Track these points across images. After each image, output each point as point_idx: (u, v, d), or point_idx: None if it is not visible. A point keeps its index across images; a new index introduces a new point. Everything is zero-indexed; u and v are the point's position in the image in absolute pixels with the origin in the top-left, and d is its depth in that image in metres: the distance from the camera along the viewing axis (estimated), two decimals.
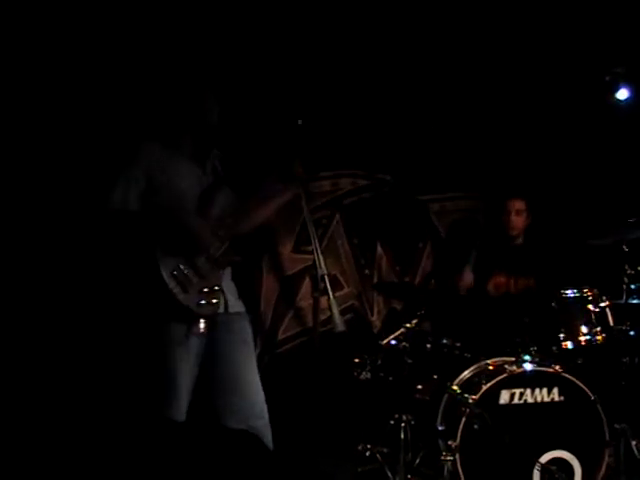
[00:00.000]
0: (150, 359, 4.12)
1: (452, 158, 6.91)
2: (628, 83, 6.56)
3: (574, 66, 6.64)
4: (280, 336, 6.35)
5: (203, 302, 4.04)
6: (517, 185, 6.26)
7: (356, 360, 5.25)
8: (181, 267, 4.01)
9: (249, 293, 5.49)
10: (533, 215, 5.96)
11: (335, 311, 4.06)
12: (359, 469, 5.20)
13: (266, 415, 4.22)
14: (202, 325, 4.04)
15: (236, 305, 4.29)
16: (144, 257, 4.03)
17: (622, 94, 6.63)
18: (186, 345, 4.05)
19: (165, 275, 3.96)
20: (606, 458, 4.79)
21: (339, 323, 4.05)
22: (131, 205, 4.08)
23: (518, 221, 5.87)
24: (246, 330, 4.32)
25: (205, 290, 4.06)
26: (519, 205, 5.88)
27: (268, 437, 4.20)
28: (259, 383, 4.27)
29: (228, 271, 4.33)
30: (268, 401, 4.28)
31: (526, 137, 7.01)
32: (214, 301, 4.08)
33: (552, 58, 6.63)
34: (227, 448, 4.07)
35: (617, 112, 6.70)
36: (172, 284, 3.97)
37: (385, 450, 5.12)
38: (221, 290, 4.15)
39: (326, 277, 4.10)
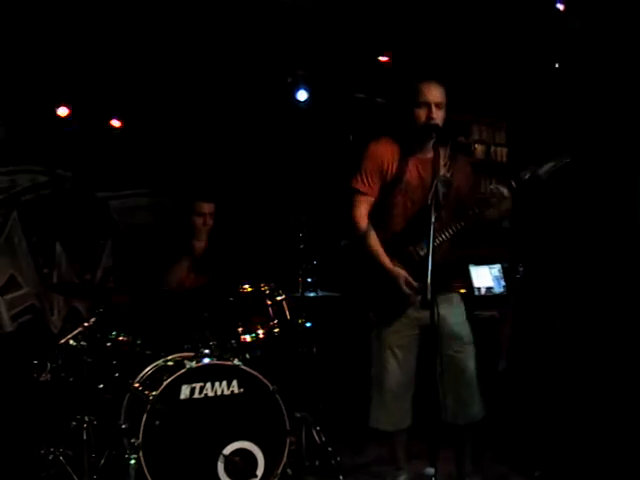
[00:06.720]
0: None
1: (134, 155, 6.92)
2: (307, 85, 6.83)
3: (258, 69, 6.80)
4: None
5: None
6: (205, 186, 6.26)
7: (35, 361, 5.10)
8: None
9: None
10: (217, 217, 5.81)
11: (2, 310, 3.97)
12: (43, 474, 5.00)
13: None
14: None
15: None
16: None
17: (301, 95, 6.89)
18: None
19: None
20: (287, 446, 4.89)
21: (7, 324, 3.96)
22: None
23: (206, 223, 5.70)
24: None
25: None
26: (208, 208, 5.70)
27: None
28: None
29: None
30: None
31: (213, 137, 7.11)
32: None
33: (239, 62, 6.75)
34: None
35: (297, 112, 6.96)
36: None
37: (69, 452, 4.98)
38: None
39: None
